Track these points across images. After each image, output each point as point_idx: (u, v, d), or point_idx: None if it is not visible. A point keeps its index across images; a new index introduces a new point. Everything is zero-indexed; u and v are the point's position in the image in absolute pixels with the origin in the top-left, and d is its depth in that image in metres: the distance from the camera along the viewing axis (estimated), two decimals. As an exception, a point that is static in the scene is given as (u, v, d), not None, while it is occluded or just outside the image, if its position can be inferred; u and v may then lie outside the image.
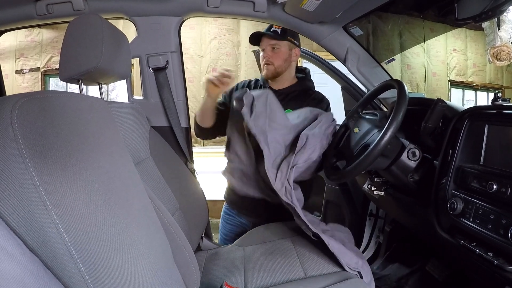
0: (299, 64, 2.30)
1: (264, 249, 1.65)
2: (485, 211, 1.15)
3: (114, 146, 0.83)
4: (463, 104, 7.60)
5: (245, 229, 2.07)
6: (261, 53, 2.06)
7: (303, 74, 2.19)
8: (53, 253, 0.62)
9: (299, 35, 2.08)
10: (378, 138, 1.35)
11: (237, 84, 2.20)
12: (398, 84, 1.48)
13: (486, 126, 1.25)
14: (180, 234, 1.19)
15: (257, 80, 2.21)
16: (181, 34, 2.00)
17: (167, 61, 1.92)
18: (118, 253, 0.70)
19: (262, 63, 2.07)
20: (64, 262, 0.63)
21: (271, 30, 2.01)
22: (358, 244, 2.39)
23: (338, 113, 2.78)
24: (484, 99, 7.77)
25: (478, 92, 7.80)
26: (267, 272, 1.48)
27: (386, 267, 2.19)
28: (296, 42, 2.08)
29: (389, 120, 1.35)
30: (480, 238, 1.16)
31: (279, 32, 2.00)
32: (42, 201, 0.60)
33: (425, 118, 1.44)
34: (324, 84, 6.15)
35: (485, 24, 1.72)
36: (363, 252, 2.38)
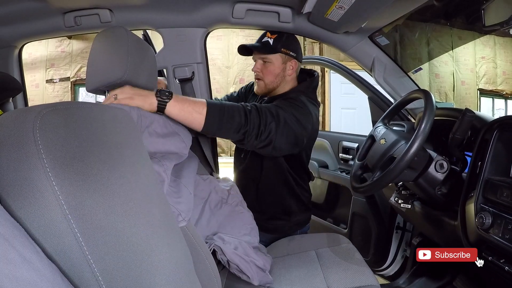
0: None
1: (288, 262, 1.63)
2: (516, 226, 1.11)
3: (137, 156, 0.83)
4: (493, 114, 7.41)
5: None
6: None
7: (306, 79, 1.94)
8: (70, 262, 0.62)
9: (325, 45, 2.03)
10: (405, 150, 1.32)
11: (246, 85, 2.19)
12: (424, 94, 1.45)
13: (517, 137, 1.21)
14: (202, 245, 1.18)
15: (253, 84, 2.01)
16: (208, 45, 2.01)
17: (193, 72, 1.94)
18: (137, 263, 0.70)
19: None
20: (82, 271, 0.63)
21: (262, 40, 1.85)
22: (384, 257, 2.35)
23: (365, 124, 2.77)
24: (514, 108, 7.58)
25: (509, 101, 7.60)
26: (290, 285, 1.46)
27: (412, 282, 2.14)
28: (292, 54, 1.84)
29: (416, 132, 1.32)
30: (509, 255, 1.12)
31: (271, 43, 1.82)
32: (61, 210, 0.60)
33: (453, 129, 1.41)
34: (352, 94, 6.15)
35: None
36: (389, 266, 2.34)
